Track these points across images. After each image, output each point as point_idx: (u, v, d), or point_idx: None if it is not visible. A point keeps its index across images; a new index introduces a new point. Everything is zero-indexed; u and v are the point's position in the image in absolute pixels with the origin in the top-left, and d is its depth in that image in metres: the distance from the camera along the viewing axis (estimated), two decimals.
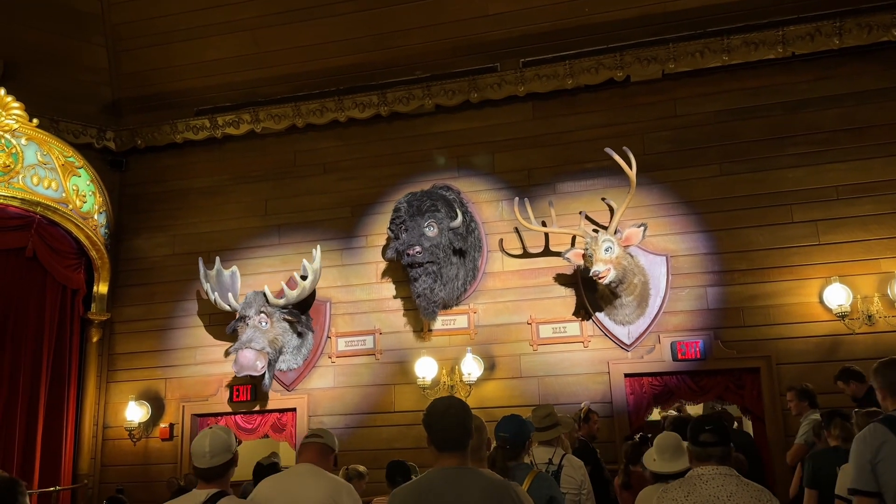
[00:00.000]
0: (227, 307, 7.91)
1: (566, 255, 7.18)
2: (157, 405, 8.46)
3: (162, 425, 8.37)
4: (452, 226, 7.30)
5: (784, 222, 7.16)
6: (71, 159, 8.03)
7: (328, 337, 8.11)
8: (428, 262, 7.14)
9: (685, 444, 3.16)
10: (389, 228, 7.53)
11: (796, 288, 7.02)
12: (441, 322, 7.79)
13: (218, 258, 8.35)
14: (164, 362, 8.60)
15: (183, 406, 8.36)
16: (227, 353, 8.10)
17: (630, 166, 6.97)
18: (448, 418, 2.59)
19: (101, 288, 8.68)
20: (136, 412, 8.29)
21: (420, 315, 7.53)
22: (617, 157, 6.93)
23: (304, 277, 7.82)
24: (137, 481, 8.20)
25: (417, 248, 7.11)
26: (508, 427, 3.66)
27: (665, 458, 3.62)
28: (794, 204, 7.18)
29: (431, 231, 7.20)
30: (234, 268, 8.34)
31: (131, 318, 8.84)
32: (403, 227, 7.26)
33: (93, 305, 8.64)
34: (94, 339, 8.64)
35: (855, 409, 4.72)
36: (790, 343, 6.92)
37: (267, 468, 5.24)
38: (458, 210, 7.40)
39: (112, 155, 9.21)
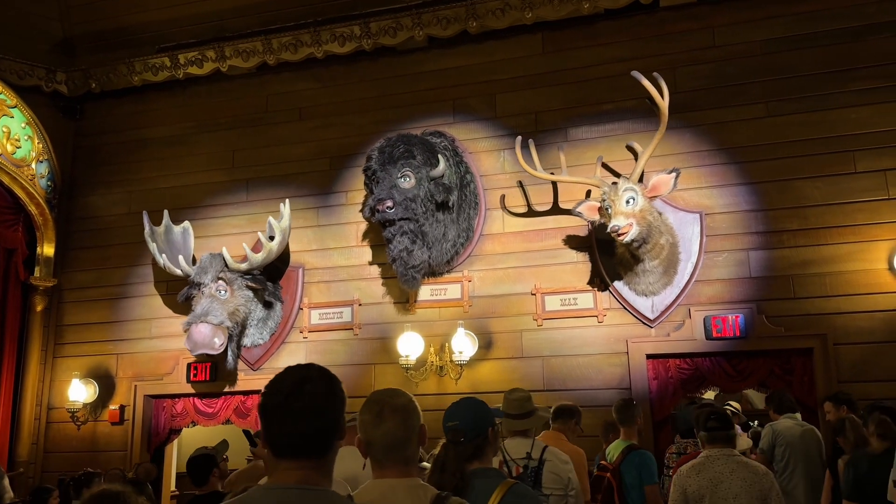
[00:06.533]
0: (178, 272, 6.78)
1: (577, 210, 5.94)
2: (107, 384, 7.44)
3: (111, 407, 7.33)
4: (433, 175, 6.06)
5: (845, 172, 5.93)
6: (1, 96, 6.88)
7: (300, 308, 6.99)
8: (402, 218, 5.94)
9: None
10: (364, 183, 6.40)
11: (859, 252, 5.80)
12: (429, 292, 6.65)
13: (167, 212, 7.25)
14: (115, 335, 7.57)
15: (135, 385, 7.33)
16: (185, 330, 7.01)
17: (661, 95, 5.68)
18: (297, 399, 1.45)
19: (46, 249, 7.65)
20: (80, 391, 7.25)
21: (399, 283, 6.36)
22: (646, 83, 5.59)
23: (271, 238, 6.68)
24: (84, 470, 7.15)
25: (388, 203, 5.91)
26: (460, 413, 2.42)
27: None
28: (857, 150, 5.94)
29: (406, 182, 6.01)
30: (186, 224, 7.22)
31: (82, 285, 7.80)
32: (375, 180, 6.10)
33: (36, 269, 7.58)
34: (39, 308, 7.62)
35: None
36: (851, 319, 5.71)
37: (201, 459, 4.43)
38: (439, 156, 6.18)
39: (64, 100, 8.13)
